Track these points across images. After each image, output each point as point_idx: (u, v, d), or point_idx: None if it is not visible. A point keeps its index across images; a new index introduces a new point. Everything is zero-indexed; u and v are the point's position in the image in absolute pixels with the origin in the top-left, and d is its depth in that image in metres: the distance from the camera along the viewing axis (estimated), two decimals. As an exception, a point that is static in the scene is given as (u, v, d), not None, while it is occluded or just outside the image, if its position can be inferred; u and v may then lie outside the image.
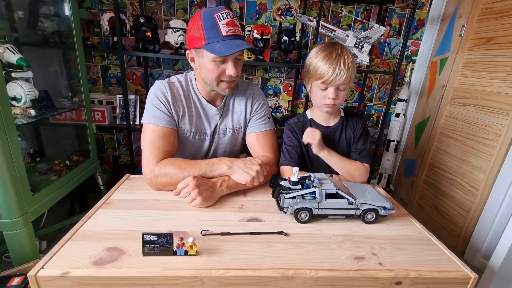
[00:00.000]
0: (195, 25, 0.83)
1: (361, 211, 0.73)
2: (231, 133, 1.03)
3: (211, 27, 0.80)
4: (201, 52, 0.85)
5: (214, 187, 0.80)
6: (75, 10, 1.43)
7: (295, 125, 1.00)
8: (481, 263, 1.47)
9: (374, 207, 0.73)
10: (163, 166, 0.83)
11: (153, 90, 0.92)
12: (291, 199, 0.71)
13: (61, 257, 0.55)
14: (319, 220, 0.74)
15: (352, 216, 0.74)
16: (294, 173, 0.75)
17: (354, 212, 0.73)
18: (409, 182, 2.16)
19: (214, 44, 0.81)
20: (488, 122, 1.50)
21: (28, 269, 0.80)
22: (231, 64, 0.85)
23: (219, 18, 0.80)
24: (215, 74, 0.86)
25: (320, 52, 0.90)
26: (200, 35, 0.81)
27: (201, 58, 0.86)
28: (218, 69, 0.85)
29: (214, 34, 0.81)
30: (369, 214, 0.73)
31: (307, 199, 0.72)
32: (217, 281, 0.53)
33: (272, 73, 2.09)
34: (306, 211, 0.71)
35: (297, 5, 1.94)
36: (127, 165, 2.20)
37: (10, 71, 1.18)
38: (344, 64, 0.86)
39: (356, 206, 0.73)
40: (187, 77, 0.98)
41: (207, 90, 0.96)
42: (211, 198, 0.79)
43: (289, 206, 0.71)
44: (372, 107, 2.26)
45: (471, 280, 0.58)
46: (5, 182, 1.04)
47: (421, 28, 2.06)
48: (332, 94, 0.89)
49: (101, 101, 1.90)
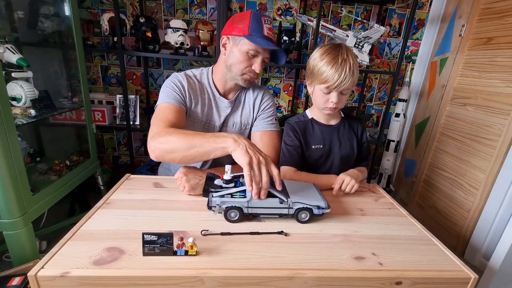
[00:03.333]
0: (242, 17, 0.92)
1: (294, 210, 0.71)
2: (238, 128, 1.06)
3: (257, 23, 0.91)
4: (238, 40, 0.92)
5: (203, 176, 0.82)
6: (75, 10, 1.43)
7: (297, 125, 1.00)
8: (481, 263, 1.47)
9: (307, 206, 0.70)
10: (170, 129, 0.82)
11: (169, 79, 0.98)
12: (219, 198, 0.69)
13: (61, 257, 0.55)
14: (319, 220, 0.74)
15: (285, 216, 0.72)
16: (227, 171, 0.73)
17: (287, 211, 0.71)
18: (409, 182, 2.16)
19: (255, 37, 0.90)
20: (488, 122, 1.50)
21: (28, 269, 0.81)
22: (260, 61, 0.94)
23: (265, 21, 0.93)
24: (243, 65, 0.94)
25: (325, 56, 0.88)
26: (245, 26, 0.90)
27: (235, 46, 0.93)
28: (248, 61, 0.93)
29: (257, 30, 0.91)
30: (302, 213, 0.71)
31: (236, 197, 0.70)
32: (217, 281, 0.53)
33: (272, 73, 2.09)
34: (235, 210, 0.69)
35: (297, 5, 1.94)
36: (127, 165, 2.20)
37: (10, 71, 1.18)
38: (349, 69, 0.85)
39: (288, 205, 0.70)
40: (202, 72, 1.04)
41: (225, 79, 1.01)
42: (199, 186, 0.81)
43: (217, 205, 0.69)
44: (372, 107, 2.26)
45: (471, 280, 0.58)
46: (5, 182, 1.04)
47: (421, 28, 2.06)
48: (335, 98, 0.89)
49: (101, 101, 1.90)
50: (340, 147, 1.00)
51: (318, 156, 1.00)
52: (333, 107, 0.91)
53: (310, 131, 1.00)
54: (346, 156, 1.01)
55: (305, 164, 1.01)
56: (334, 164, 1.01)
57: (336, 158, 1.01)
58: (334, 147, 1.00)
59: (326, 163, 1.01)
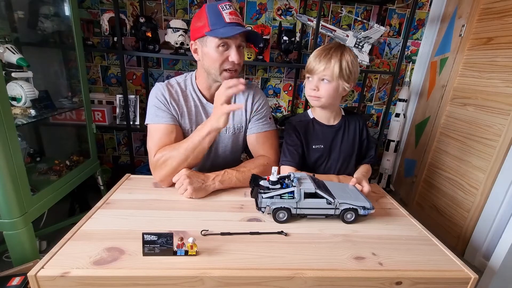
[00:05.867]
0: (200, 16, 0.87)
1: (340, 210, 0.73)
2: (232, 133, 1.03)
3: (215, 15, 0.84)
4: (205, 40, 0.87)
5: (206, 180, 0.83)
6: (75, 10, 1.43)
7: (298, 125, 1.00)
8: (481, 263, 1.47)
9: (353, 207, 0.72)
10: (160, 152, 0.87)
11: (152, 92, 0.95)
12: (268, 199, 0.71)
13: (61, 257, 0.55)
14: (320, 220, 0.74)
15: (331, 216, 0.74)
16: (273, 172, 0.75)
17: (333, 212, 0.73)
18: (409, 182, 2.16)
19: (217, 29, 0.84)
20: (488, 122, 1.50)
21: (28, 269, 0.80)
22: (234, 50, 0.87)
23: (222, 8, 0.85)
24: (219, 62, 0.88)
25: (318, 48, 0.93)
26: (205, 23, 0.85)
27: (205, 47, 0.88)
28: (222, 56, 0.87)
29: (218, 21, 0.84)
30: (348, 213, 0.73)
31: (285, 198, 0.71)
32: (217, 281, 0.53)
33: (272, 73, 2.09)
34: (284, 210, 0.71)
35: (297, 5, 1.94)
36: (127, 165, 2.20)
37: (10, 71, 1.18)
38: (326, 56, 0.87)
39: (335, 206, 0.72)
40: (186, 78, 1.00)
41: (208, 83, 0.97)
42: (202, 189, 0.82)
43: (267, 205, 0.71)
44: (372, 107, 2.26)
45: (471, 280, 0.58)
46: (5, 182, 1.04)
47: (421, 28, 2.06)
48: (313, 84, 0.90)
49: (101, 101, 1.90)
50: (341, 147, 1.00)
51: (318, 156, 1.00)
52: (314, 96, 0.92)
53: (311, 131, 1.00)
54: (346, 156, 1.01)
55: (304, 164, 1.01)
56: (333, 164, 1.01)
57: (335, 158, 1.01)
58: (334, 147, 1.00)
59: (325, 163, 1.01)
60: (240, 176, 0.89)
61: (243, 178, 0.89)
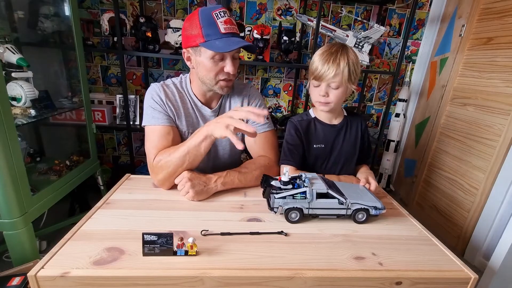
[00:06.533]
0: (192, 23, 0.82)
1: (352, 211, 0.73)
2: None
3: (209, 24, 0.80)
4: (198, 50, 0.84)
5: (208, 182, 0.82)
6: (75, 10, 1.43)
7: (299, 124, 0.99)
8: (481, 263, 1.47)
9: (365, 207, 0.73)
10: (158, 156, 0.85)
11: (148, 93, 0.93)
12: (281, 199, 0.71)
13: (61, 257, 0.55)
14: (319, 220, 0.74)
15: (343, 216, 0.74)
16: (285, 172, 0.75)
17: (345, 212, 0.73)
18: (409, 182, 2.16)
19: (213, 41, 0.80)
20: (488, 122, 1.50)
21: (28, 269, 0.81)
22: (229, 61, 0.85)
23: (217, 16, 0.80)
24: (213, 72, 0.86)
25: (321, 49, 0.91)
26: (198, 32, 0.81)
27: (198, 57, 0.86)
28: (216, 67, 0.85)
29: (212, 31, 0.80)
30: (360, 214, 0.73)
31: (298, 199, 0.71)
32: (217, 281, 0.53)
33: (272, 73, 2.09)
34: (296, 211, 0.71)
35: (297, 5, 1.94)
36: (127, 165, 2.20)
37: (10, 71, 1.18)
38: (335, 61, 0.85)
39: (347, 206, 0.72)
40: (182, 80, 0.99)
41: (203, 90, 0.95)
42: (204, 192, 0.81)
43: (279, 206, 0.71)
44: (372, 107, 2.26)
45: (471, 280, 0.58)
46: (5, 182, 1.04)
47: (421, 28, 2.06)
48: (322, 91, 0.89)
49: (101, 101, 1.90)
50: (342, 147, 1.00)
51: (319, 155, 1.00)
52: (324, 102, 0.91)
53: (312, 130, 1.00)
54: (347, 156, 1.01)
55: (305, 163, 1.01)
56: (334, 164, 1.01)
57: (336, 158, 1.01)
58: (335, 147, 1.00)
59: (325, 162, 1.01)
60: (242, 178, 0.88)
61: (244, 179, 0.88)
